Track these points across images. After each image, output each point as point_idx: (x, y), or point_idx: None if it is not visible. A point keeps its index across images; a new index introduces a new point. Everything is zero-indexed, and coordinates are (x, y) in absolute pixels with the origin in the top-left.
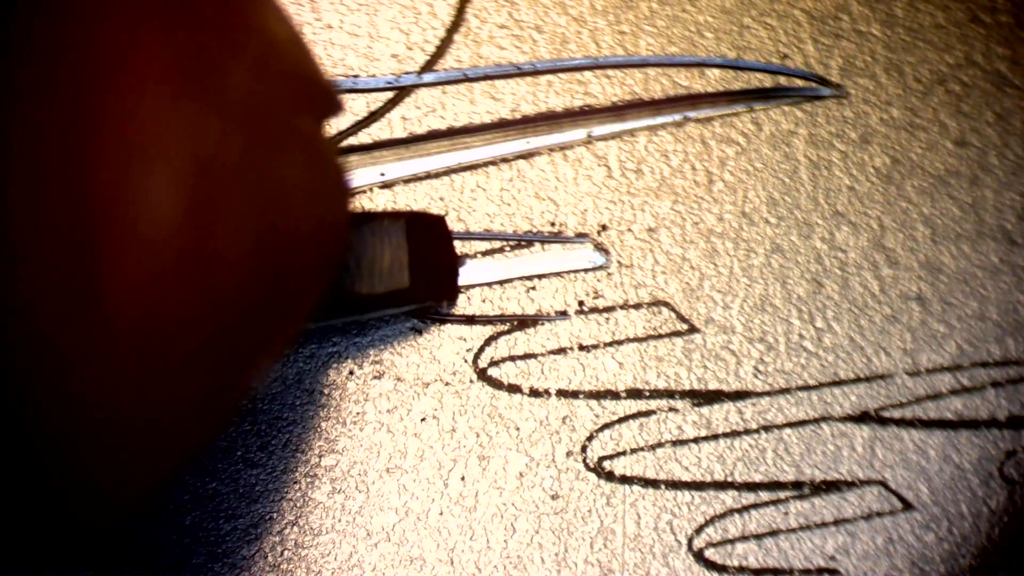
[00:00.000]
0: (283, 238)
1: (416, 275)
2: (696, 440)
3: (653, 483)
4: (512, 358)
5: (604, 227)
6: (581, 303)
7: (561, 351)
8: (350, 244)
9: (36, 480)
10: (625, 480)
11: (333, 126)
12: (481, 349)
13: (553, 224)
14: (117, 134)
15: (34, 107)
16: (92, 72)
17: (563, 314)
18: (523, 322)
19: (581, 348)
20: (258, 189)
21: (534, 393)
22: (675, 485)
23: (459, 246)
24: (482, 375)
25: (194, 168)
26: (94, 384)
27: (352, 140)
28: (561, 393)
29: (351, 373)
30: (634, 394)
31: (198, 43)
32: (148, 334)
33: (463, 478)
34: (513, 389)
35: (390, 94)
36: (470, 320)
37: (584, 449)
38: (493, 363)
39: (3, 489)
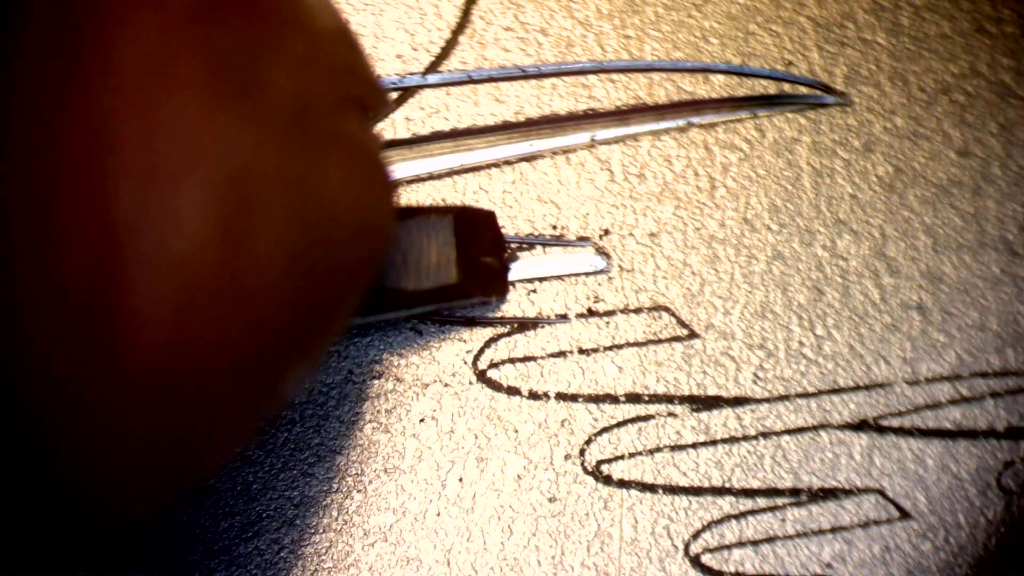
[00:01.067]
0: (323, 245)
1: (464, 271)
2: (694, 445)
3: (651, 488)
4: (512, 360)
5: (606, 231)
6: (590, 310)
7: (561, 354)
8: (396, 239)
9: (46, 491)
10: (623, 484)
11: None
12: (481, 351)
13: (555, 227)
14: (142, 148)
15: (52, 117)
16: (114, 79)
17: (563, 317)
18: (523, 325)
19: (581, 351)
20: (296, 198)
21: (533, 396)
22: (673, 490)
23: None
24: (481, 377)
25: (226, 182)
26: (113, 404)
27: None
28: (560, 396)
29: (350, 373)
30: (633, 398)
31: (235, 44)
32: (174, 355)
33: (461, 479)
34: (512, 391)
35: (394, 95)
36: (470, 322)
37: (582, 452)
38: (493, 365)
39: (12, 498)
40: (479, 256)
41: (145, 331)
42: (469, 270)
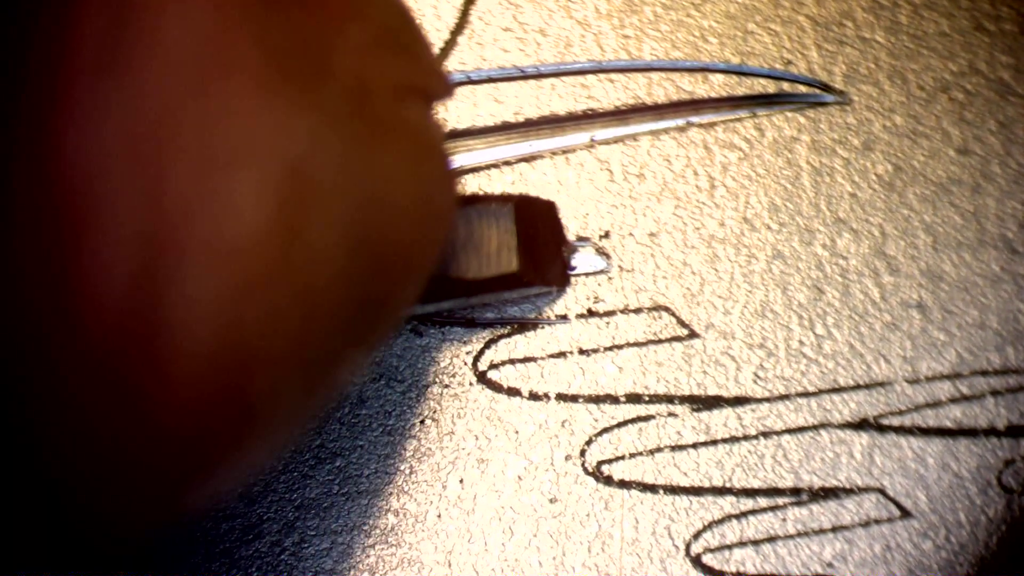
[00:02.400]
0: (382, 235)
1: (525, 259)
2: (695, 445)
3: (651, 488)
4: (512, 361)
5: (606, 232)
6: (590, 311)
7: (561, 355)
8: (456, 227)
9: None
10: (623, 484)
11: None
12: (481, 352)
13: None
14: (197, 133)
15: (100, 100)
16: (167, 62)
17: (563, 318)
18: (523, 325)
19: (581, 352)
20: (355, 187)
21: (533, 396)
22: (673, 490)
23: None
24: (482, 378)
25: (284, 170)
26: (155, 412)
27: None
28: (560, 397)
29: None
30: (633, 399)
31: (296, 28)
32: (228, 349)
33: (461, 481)
34: (512, 392)
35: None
36: (470, 323)
37: (583, 453)
38: (493, 366)
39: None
40: (539, 245)
41: (199, 322)
42: (529, 259)
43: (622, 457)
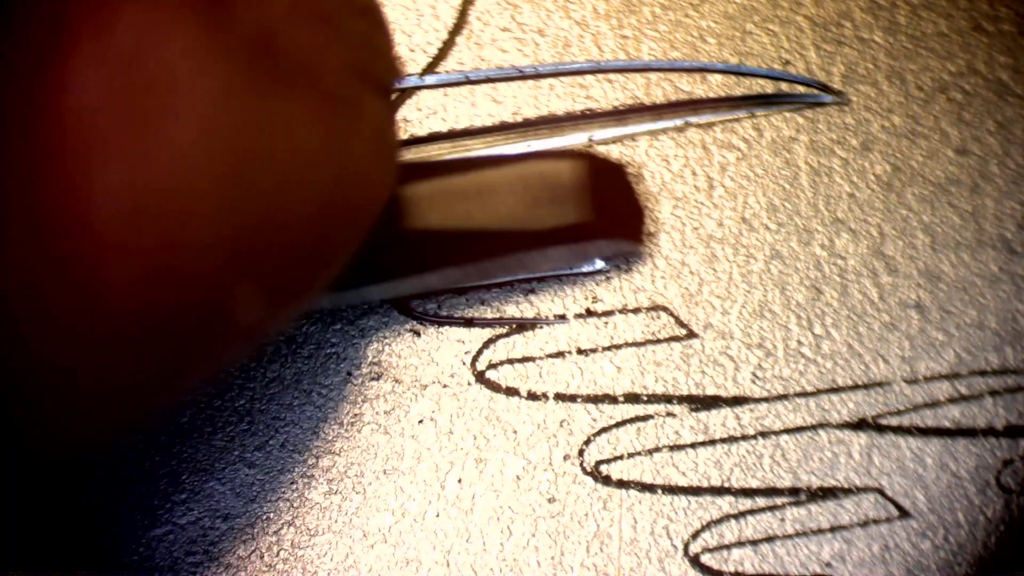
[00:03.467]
0: (276, 177)
1: (598, 212)
2: (693, 445)
3: (650, 488)
4: (510, 361)
5: None
6: (589, 311)
7: (559, 355)
8: (525, 179)
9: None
10: (622, 484)
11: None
12: (479, 352)
13: None
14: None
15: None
16: None
17: (562, 318)
18: (521, 325)
19: (579, 352)
20: (234, 124)
21: (532, 396)
22: (672, 490)
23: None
24: (480, 378)
25: (130, 77)
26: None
27: None
28: (559, 397)
29: (349, 374)
30: (632, 398)
31: None
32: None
33: (460, 480)
34: (511, 392)
35: (392, 96)
36: (468, 323)
37: (581, 453)
38: (491, 366)
39: None
40: (613, 200)
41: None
42: (602, 212)
43: (620, 457)
